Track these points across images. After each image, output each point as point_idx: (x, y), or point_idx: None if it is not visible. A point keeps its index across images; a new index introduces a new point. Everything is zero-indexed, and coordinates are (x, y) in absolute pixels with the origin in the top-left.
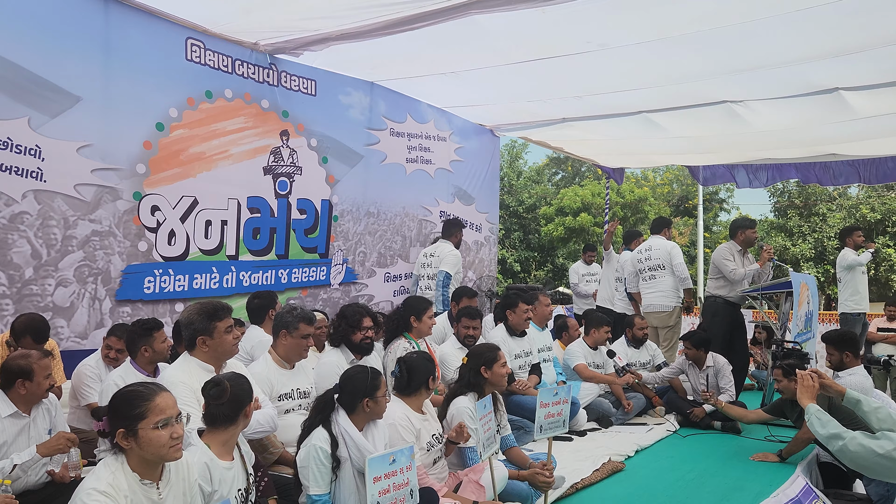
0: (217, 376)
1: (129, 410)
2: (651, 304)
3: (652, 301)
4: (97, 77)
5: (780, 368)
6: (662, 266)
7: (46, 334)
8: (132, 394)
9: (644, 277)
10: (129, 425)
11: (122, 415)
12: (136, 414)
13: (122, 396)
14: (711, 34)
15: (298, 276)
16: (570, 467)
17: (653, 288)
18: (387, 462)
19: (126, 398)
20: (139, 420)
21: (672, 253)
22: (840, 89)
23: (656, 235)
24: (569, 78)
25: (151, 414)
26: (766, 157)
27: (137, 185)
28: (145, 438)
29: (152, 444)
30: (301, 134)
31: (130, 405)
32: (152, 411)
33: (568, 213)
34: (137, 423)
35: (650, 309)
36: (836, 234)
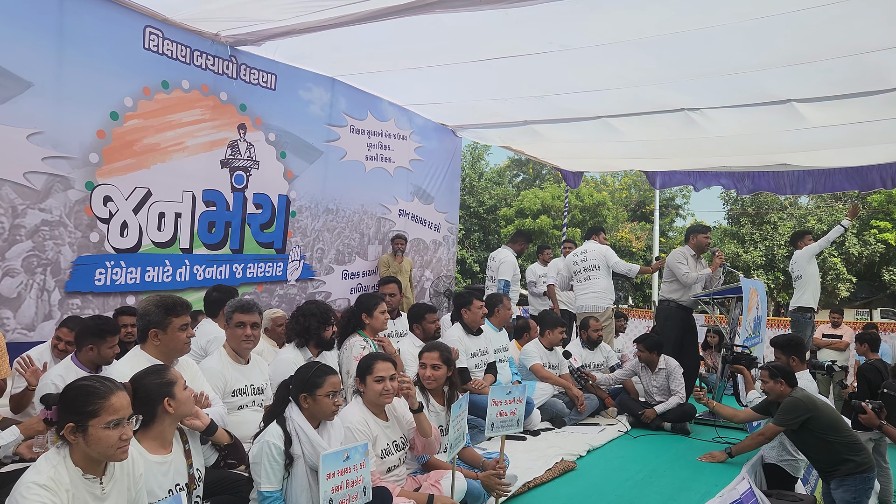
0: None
1: (82, 406)
2: (585, 305)
3: (586, 302)
4: (50, 63)
5: (766, 370)
6: (597, 267)
7: None
8: (88, 389)
9: (579, 279)
10: (79, 421)
11: (74, 409)
12: (88, 411)
13: (77, 390)
14: (669, 39)
15: (254, 271)
16: (523, 466)
17: (587, 289)
18: (340, 458)
19: (81, 392)
20: (91, 417)
21: (607, 255)
22: (793, 101)
23: (590, 240)
24: (530, 78)
25: (104, 413)
26: (721, 164)
27: (90, 174)
28: (94, 437)
29: (100, 443)
30: (259, 128)
31: (84, 401)
32: (105, 410)
33: (528, 214)
34: (88, 421)
35: (584, 310)
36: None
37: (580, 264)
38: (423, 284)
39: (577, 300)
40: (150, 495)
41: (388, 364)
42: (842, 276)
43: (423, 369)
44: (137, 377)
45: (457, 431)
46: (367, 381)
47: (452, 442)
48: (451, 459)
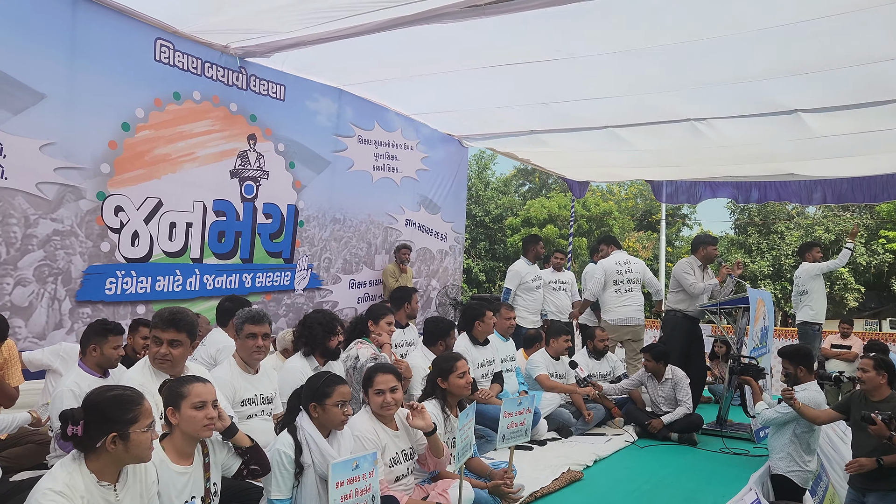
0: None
1: (123, 414)
2: (628, 318)
3: (629, 314)
4: (62, 75)
5: (871, 359)
6: (639, 280)
7: (4, 332)
8: (123, 398)
9: (620, 290)
10: (122, 429)
11: (116, 419)
12: (129, 418)
13: (112, 400)
14: (675, 48)
15: (263, 280)
16: (530, 476)
17: (630, 301)
18: (350, 467)
19: (118, 402)
20: (132, 424)
21: (645, 269)
22: (799, 111)
23: (620, 251)
24: (536, 85)
25: (142, 418)
26: (728, 174)
27: (101, 184)
28: (135, 441)
29: (140, 446)
30: (268, 138)
31: (125, 409)
32: (143, 415)
33: (534, 224)
34: (130, 427)
35: (627, 322)
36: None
37: (624, 274)
38: (429, 294)
39: (617, 311)
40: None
41: (389, 376)
42: (850, 286)
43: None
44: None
45: (464, 441)
46: (369, 394)
47: (459, 451)
48: (458, 469)
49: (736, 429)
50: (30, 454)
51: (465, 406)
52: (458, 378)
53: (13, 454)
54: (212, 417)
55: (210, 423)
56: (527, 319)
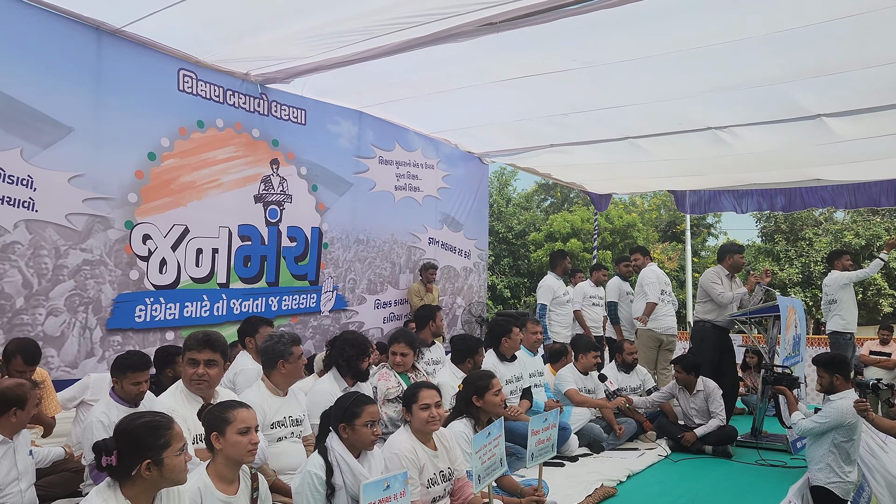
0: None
1: (155, 441)
2: (671, 327)
3: (672, 324)
4: (89, 108)
5: None
6: (671, 293)
7: (36, 357)
8: (154, 424)
9: (665, 300)
10: (155, 455)
11: (148, 445)
12: (162, 443)
13: (143, 427)
14: (694, 53)
15: (289, 303)
16: (562, 493)
17: (670, 311)
18: (381, 488)
19: (149, 428)
20: (165, 449)
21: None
22: (822, 115)
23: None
24: (554, 97)
25: (174, 441)
26: (752, 181)
27: (129, 213)
28: (169, 466)
29: (175, 470)
30: (291, 162)
31: (156, 435)
32: (175, 439)
33: (557, 238)
34: (163, 452)
35: (670, 331)
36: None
37: (666, 286)
38: (454, 311)
39: (662, 320)
40: None
41: (433, 391)
42: (883, 292)
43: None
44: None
45: (491, 458)
46: (412, 410)
47: (481, 471)
48: (478, 491)
49: (771, 440)
50: (64, 482)
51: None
52: (493, 396)
53: (48, 482)
54: (255, 443)
55: (254, 448)
56: (560, 334)
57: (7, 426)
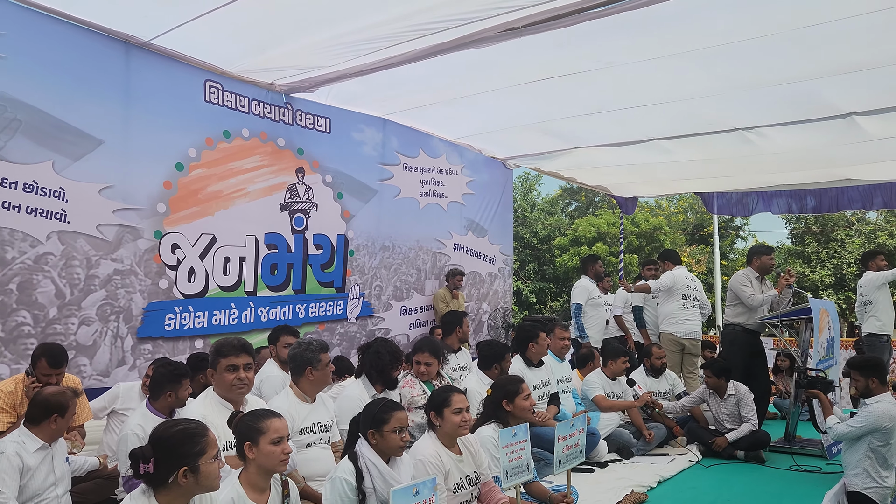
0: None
1: (192, 448)
2: (694, 332)
3: (695, 328)
4: (118, 120)
5: None
6: (699, 299)
7: (61, 361)
8: (190, 431)
9: (687, 304)
10: (191, 462)
11: (185, 453)
12: (197, 451)
13: (179, 435)
14: (720, 51)
15: (315, 310)
16: (592, 499)
17: (695, 316)
18: (410, 494)
19: (185, 436)
20: (200, 456)
21: (702, 288)
22: (853, 114)
23: (682, 266)
24: (578, 98)
25: (209, 448)
26: (781, 182)
27: (158, 224)
28: (205, 472)
29: (210, 476)
30: (316, 171)
31: (192, 443)
32: (210, 446)
33: (583, 243)
34: (198, 460)
35: (693, 336)
36: (856, 260)
37: (692, 291)
38: (480, 317)
39: (684, 324)
40: None
41: (463, 396)
42: None
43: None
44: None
45: (515, 461)
46: (444, 414)
47: (509, 470)
48: (505, 487)
49: (806, 445)
50: (98, 489)
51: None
52: (523, 400)
53: (82, 489)
54: (288, 452)
55: (286, 457)
56: (592, 338)
57: (47, 432)
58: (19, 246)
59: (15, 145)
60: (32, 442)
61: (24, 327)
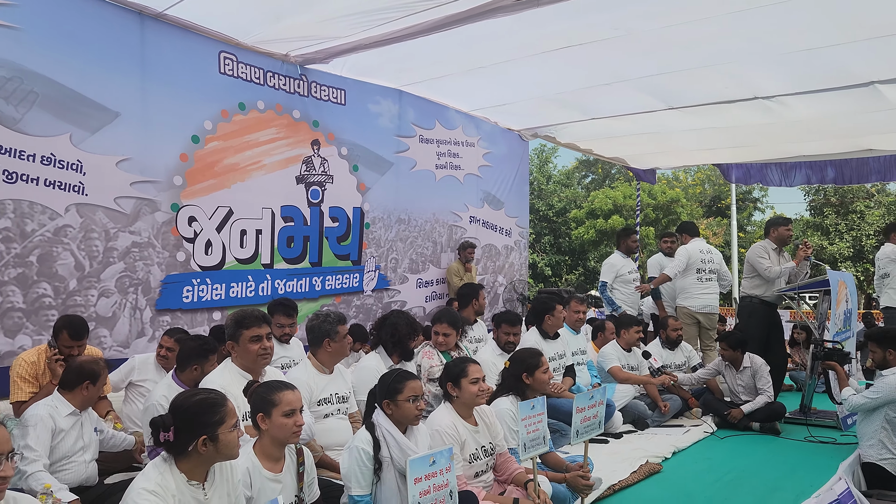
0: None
1: (211, 417)
2: (709, 305)
3: (710, 302)
4: (135, 93)
5: None
6: (717, 271)
7: (83, 333)
8: (209, 402)
9: (701, 278)
10: (211, 431)
11: (204, 422)
12: (217, 420)
13: (199, 405)
14: (741, 17)
15: (332, 283)
16: (607, 469)
17: (710, 289)
18: (427, 463)
19: (204, 406)
20: (220, 425)
21: (722, 261)
22: (876, 83)
23: (699, 238)
24: (595, 66)
25: (228, 418)
26: (800, 153)
27: (175, 196)
28: (224, 441)
29: (229, 445)
30: (332, 143)
31: (212, 412)
32: (229, 415)
33: (599, 215)
34: (218, 429)
35: (708, 310)
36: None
37: (707, 264)
38: (496, 290)
39: (699, 298)
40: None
41: (478, 366)
42: None
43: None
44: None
45: (533, 433)
46: (461, 384)
47: (527, 441)
48: (523, 459)
49: (821, 416)
50: (122, 458)
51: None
52: (543, 374)
53: (107, 458)
54: (300, 424)
55: (299, 429)
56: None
57: (78, 398)
58: (39, 218)
59: (32, 118)
60: (65, 406)
61: (44, 299)
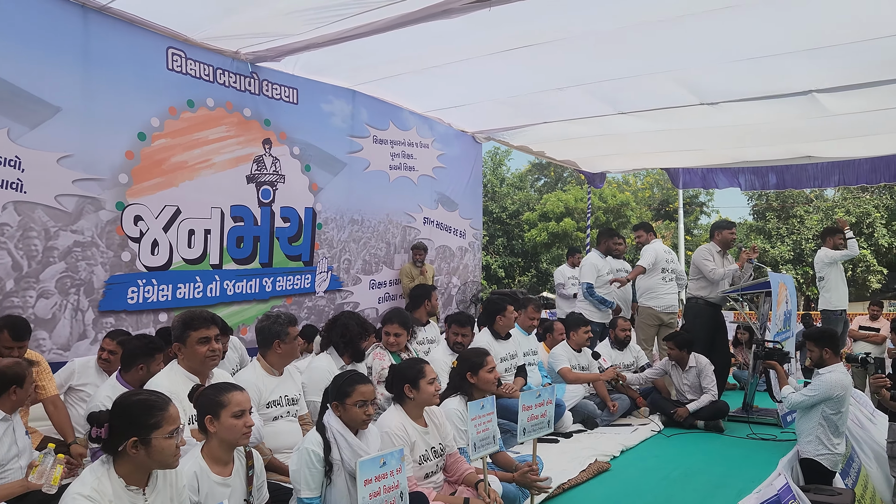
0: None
1: (146, 419)
2: (672, 305)
3: (672, 302)
4: (77, 87)
5: None
6: (676, 271)
7: (24, 333)
8: (148, 403)
9: (665, 278)
10: (143, 434)
11: (137, 424)
12: (151, 423)
13: (136, 404)
14: (687, 21)
15: (283, 284)
16: (557, 468)
17: (672, 290)
18: (377, 465)
19: (141, 406)
20: (154, 430)
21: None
22: (814, 91)
23: (658, 239)
24: (548, 69)
25: (166, 424)
26: (744, 158)
27: (120, 194)
28: (157, 447)
29: (163, 452)
30: (283, 142)
31: (148, 415)
32: (166, 421)
33: (551, 218)
34: (151, 433)
35: (671, 310)
36: (815, 236)
37: (669, 264)
38: (450, 291)
39: (662, 298)
40: None
41: (431, 366)
42: (872, 268)
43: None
44: (200, 390)
45: (483, 433)
46: (420, 385)
47: (477, 441)
48: (474, 458)
49: (762, 414)
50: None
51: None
52: (487, 373)
53: None
54: (250, 426)
55: (249, 431)
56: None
57: (7, 404)
58: None
59: None
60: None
61: None
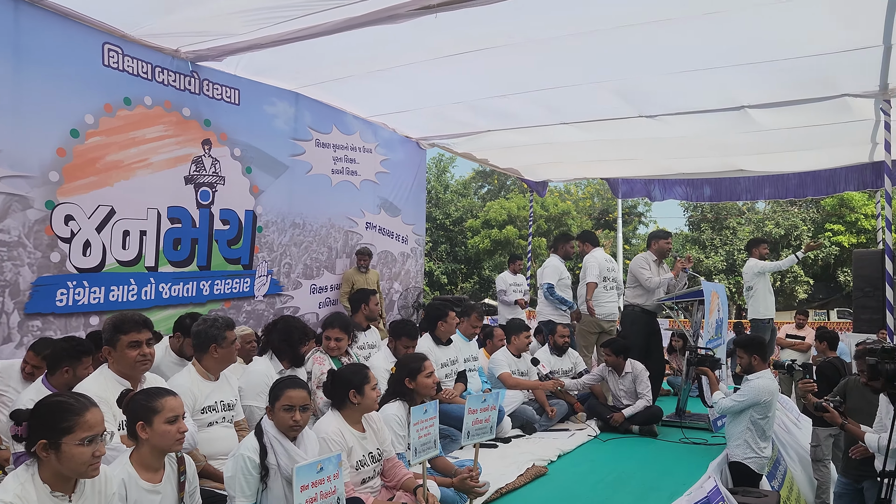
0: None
1: (57, 423)
2: (613, 313)
3: (613, 310)
4: (6, 81)
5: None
6: (617, 279)
7: None
8: (62, 405)
9: (607, 286)
10: (53, 438)
11: (48, 426)
12: (62, 427)
13: (50, 406)
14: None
15: (221, 287)
16: (496, 473)
17: (612, 298)
18: (314, 470)
19: (54, 409)
20: (65, 434)
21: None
22: (746, 107)
23: (599, 248)
24: (491, 77)
25: (79, 429)
26: (680, 170)
27: (50, 193)
28: (67, 454)
29: (73, 460)
30: (224, 143)
31: (59, 417)
32: (80, 427)
33: (494, 225)
34: (62, 437)
35: (612, 317)
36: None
37: (611, 272)
38: (391, 297)
39: (604, 306)
40: None
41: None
42: (799, 279)
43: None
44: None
45: (424, 437)
46: (365, 391)
47: (418, 446)
48: (414, 463)
49: (694, 419)
50: None
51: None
52: (425, 378)
53: None
54: (184, 431)
55: (182, 436)
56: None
57: None
58: None
59: None
60: None
61: None
